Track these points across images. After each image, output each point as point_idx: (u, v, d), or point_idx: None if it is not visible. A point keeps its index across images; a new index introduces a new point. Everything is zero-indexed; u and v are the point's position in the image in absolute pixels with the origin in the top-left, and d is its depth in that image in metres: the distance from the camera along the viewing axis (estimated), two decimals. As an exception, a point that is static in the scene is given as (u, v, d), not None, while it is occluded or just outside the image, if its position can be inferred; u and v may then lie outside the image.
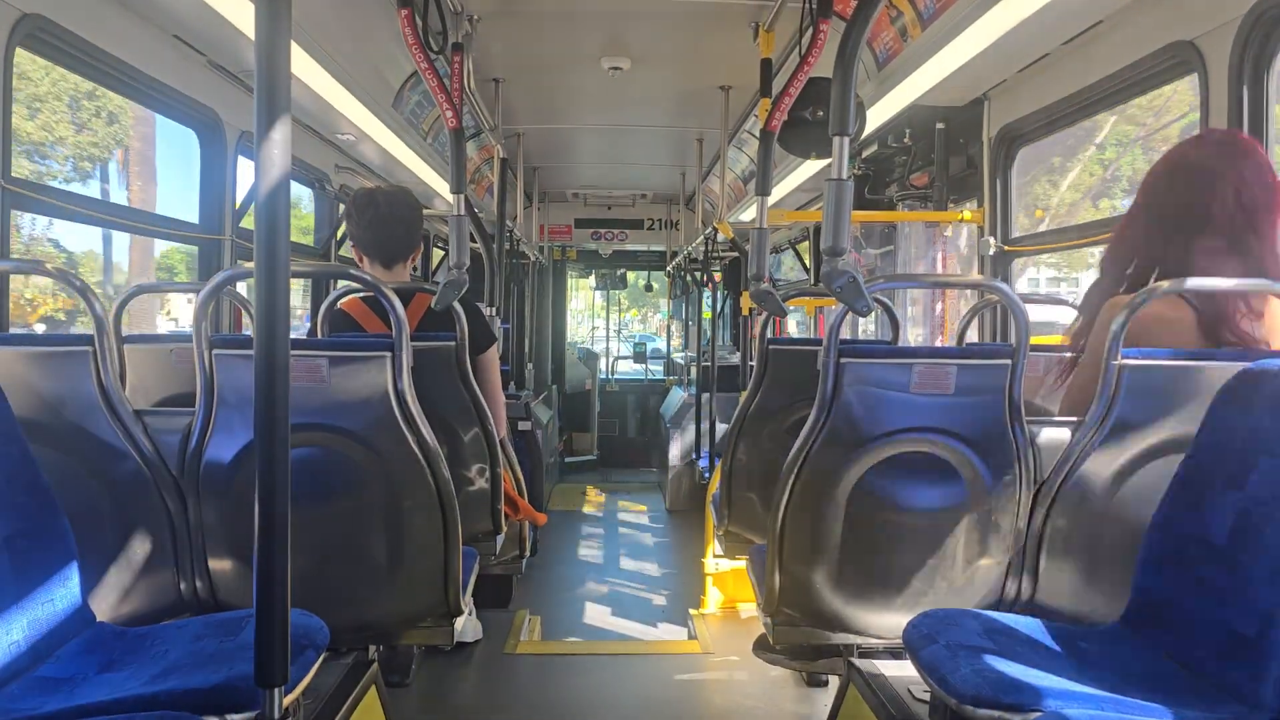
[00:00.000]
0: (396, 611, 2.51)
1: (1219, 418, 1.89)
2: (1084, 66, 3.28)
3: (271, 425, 1.53)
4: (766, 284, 3.34)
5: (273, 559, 1.55)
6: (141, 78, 3.27)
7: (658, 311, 16.43)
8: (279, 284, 1.52)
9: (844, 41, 2.13)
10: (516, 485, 3.58)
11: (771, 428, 3.53)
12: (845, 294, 2.14)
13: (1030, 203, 8.79)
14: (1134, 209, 2.41)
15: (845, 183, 2.12)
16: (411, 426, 2.36)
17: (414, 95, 4.94)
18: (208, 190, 3.90)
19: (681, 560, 6.69)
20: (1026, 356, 2.28)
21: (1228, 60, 2.55)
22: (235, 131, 3.93)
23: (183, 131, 3.82)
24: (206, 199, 3.91)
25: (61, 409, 2.24)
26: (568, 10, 4.43)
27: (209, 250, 3.91)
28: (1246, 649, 1.66)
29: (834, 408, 2.31)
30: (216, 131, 3.84)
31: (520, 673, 4.18)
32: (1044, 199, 10.26)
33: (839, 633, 2.52)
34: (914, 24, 3.55)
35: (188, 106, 3.63)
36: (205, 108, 3.72)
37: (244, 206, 4.06)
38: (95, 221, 3.29)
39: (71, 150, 10.94)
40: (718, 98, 5.64)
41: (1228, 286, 2.16)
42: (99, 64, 3.04)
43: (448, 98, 3.45)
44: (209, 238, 3.89)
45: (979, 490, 2.31)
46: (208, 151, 3.88)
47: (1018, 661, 1.78)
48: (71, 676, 1.83)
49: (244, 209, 4.06)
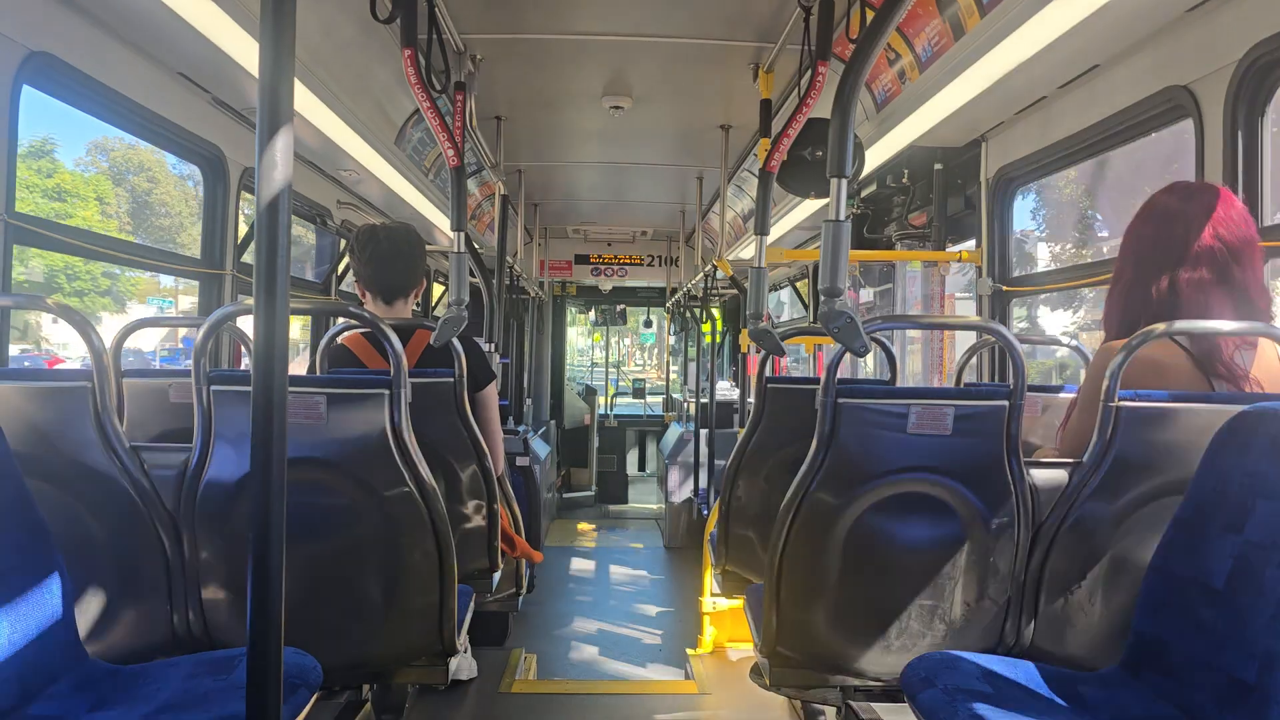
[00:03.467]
0: (391, 650, 2.49)
1: (1216, 460, 1.89)
2: (1081, 110, 3.31)
3: (268, 462, 1.53)
4: (765, 322, 3.35)
5: (267, 596, 1.54)
6: (147, 115, 3.30)
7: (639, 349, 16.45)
8: (278, 320, 1.52)
9: (843, 83, 2.16)
10: (514, 522, 3.57)
11: (770, 466, 3.52)
12: (843, 334, 2.14)
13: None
14: (1120, 262, 2.45)
15: (843, 224, 2.14)
16: (409, 463, 2.35)
17: (416, 132, 4.98)
18: (210, 225, 3.93)
19: (679, 599, 6.64)
20: (1025, 397, 2.28)
21: (1222, 105, 2.58)
22: (239, 168, 3.96)
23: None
24: (208, 234, 3.93)
25: (58, 443, 2.23)
26: (570, 50, 4.48)
27: (210, 285, 3.93)
28: (1246, 694, 1.64)
29: (832, 447, 2.31)
30: (220, 167, 3.87)
31: (516, 712, 4.14)
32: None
33: (836, 674, 2.50)
34: (912, 67, 3.59)
35: (192, 143, 3.66)
36: (209, 144, 3.75)
37: (245, 242, 4.08)
38: (98, 256, 3.31)
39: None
40: (718, 137, 5.68)
41: (1223, 330, 2.17)
42: (105, 102, 3.07)
43: (449, 136, 3.48)
44: (210, 272, 3.91)
45: (977, 531, 2.31)
46: (211, 187, 3.91)
47: (1016, 706, 1.77)
48: (62, 715, 1.81)
49: (245, 244, 4.08)
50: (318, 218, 5.14)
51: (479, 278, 5.22)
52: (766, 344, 3.32)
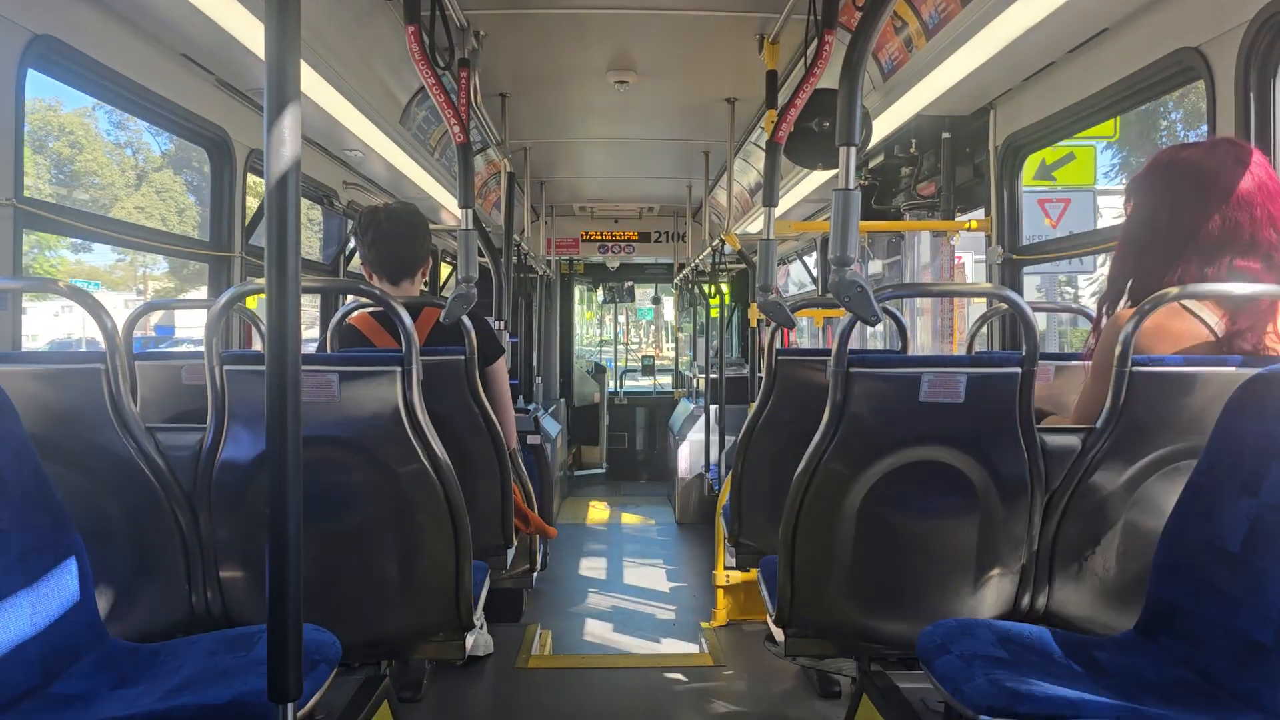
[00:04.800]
0: (408, 626, 2.51)
1: (1231, 424, 1.88)
2: (1090, 74, 3.28)
3: (283, 440, 1.53)
4: (774, 295, 3.34)
5: (285, 574, 1.55)
6: (152, 97, 3.30)
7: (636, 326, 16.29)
8: (289, 299, 1.52)
9: (849, 52, 2.14)
10: (526, 499, 3.58)
11: (781, 438, 3.52)
12: (854, 304, 2.14)
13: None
14: (1138, 216, 2.36)
15: (852, 192, 2.13)
16: (422, 440, 2.36)
17: (421, 111, 4.97)
18: (217, 207, 3.93)
19: (692, 573, 6.67)
20: (1037, 364, 2.27)
21: (1234, 66, 2.55)
22: (244, 149, 3.96)
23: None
24: (216, 216, 3.93)
25: (74, 426, 2.25)
26: (574, 25, 4.46)
27: (219, 267, 3.94)
28: (1263, 656, 1.65)
29: (844, 418, 2.30)
30: (226, 149, 3.86)
31: (532, 687, 4.17)
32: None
33: (852, 643, 2.51)
34: (919, 34, 3.56)
35: (198, 125, 3.66)
36: (215, 126, 3.75)
37: (253, 223, 4.09)
38: (107, 240, 3.32)
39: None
40: (724, 110, 5.65)
41: (1236, 291, 2.15)
42: (109, 85, 3.07)
43: (455, 113, 3.47)
44: (219, 254, 3.91)
45: (990, 499, 2.31)
46: (217, 169, 3.91)
47: (1032, 671, 1.77)
48: (85, 694, 1.83)
49: (253, 226, 4.09)
50: (324, 199, 5.14)
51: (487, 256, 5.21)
52: (776, 316, 3.31)
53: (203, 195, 25.03)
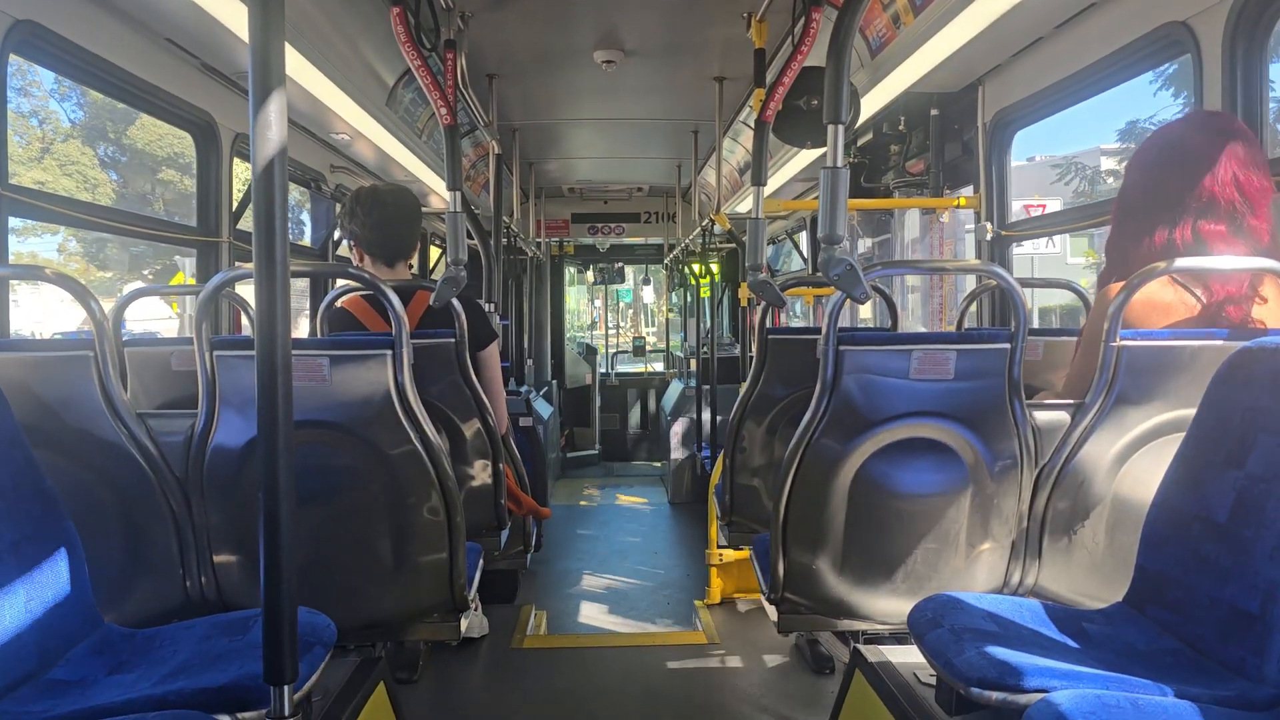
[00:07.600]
0: (402, 608, 2.52)
1: (1218, 396, 1.90)
2: (1078, 49, 3.28)
3: (274, 424, 1.53)
4: (764, 274, 3.34)
5: (278, 557, 1.56)
6: (136, 82, 3.27)
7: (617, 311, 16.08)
8: (279, 284, 1.52)
9: (836, 30, 2.14)
10: (519, 480, 3.59)
11: (773, 417, 3.54)
12: (843, 281, 2.14)
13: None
14: (1127, 191, 2.41)
15: (840, 170, 2.13)
16: (413, 423, 2.37)
17: (407, 93, 4.94)
18: (204, 193, 3.91)
19: (685, 552, 6.70)
20: (1026, 340, 2.28)
21: (1221, 39, 2.55)
22: (230, 134, 3.93)
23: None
24: (203, 202, 3.91)
25: (64, 413, 2.24)
26: (560, 5, 4.43)
27: (207, 252, 3.92)
28: (1249, 625, 1.67)
29: (834, 395, 2.32)
30: (212, 134, 3.84)
31: (527, 667, 4.19)
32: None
33: (844, 619, 2.53)
34: (906, 11, 3.54)
35: (182, 110, 3.63)
36: (200, 111, 3.72)
37: (240, 208, 4.06)
38: (92, 226, 3.30)
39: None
40: (711, 89, 5.63)
41: (1224, 266, 2.16)
42: (93, 69, 3.05)
43: (441, 95, 3.45)
44: (207, 240, 3.89)
45: (980, 474, 2.32)
46: (204, 154, 3.88)
47: (1022, 644, 1.79)
48: (81, 679, 1.84)
49: (240, 211, 4.06)
50: (311, 182, 5.11)
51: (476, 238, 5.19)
52: (766, 295, 3.31)
53: (121, 169, 23.84)
